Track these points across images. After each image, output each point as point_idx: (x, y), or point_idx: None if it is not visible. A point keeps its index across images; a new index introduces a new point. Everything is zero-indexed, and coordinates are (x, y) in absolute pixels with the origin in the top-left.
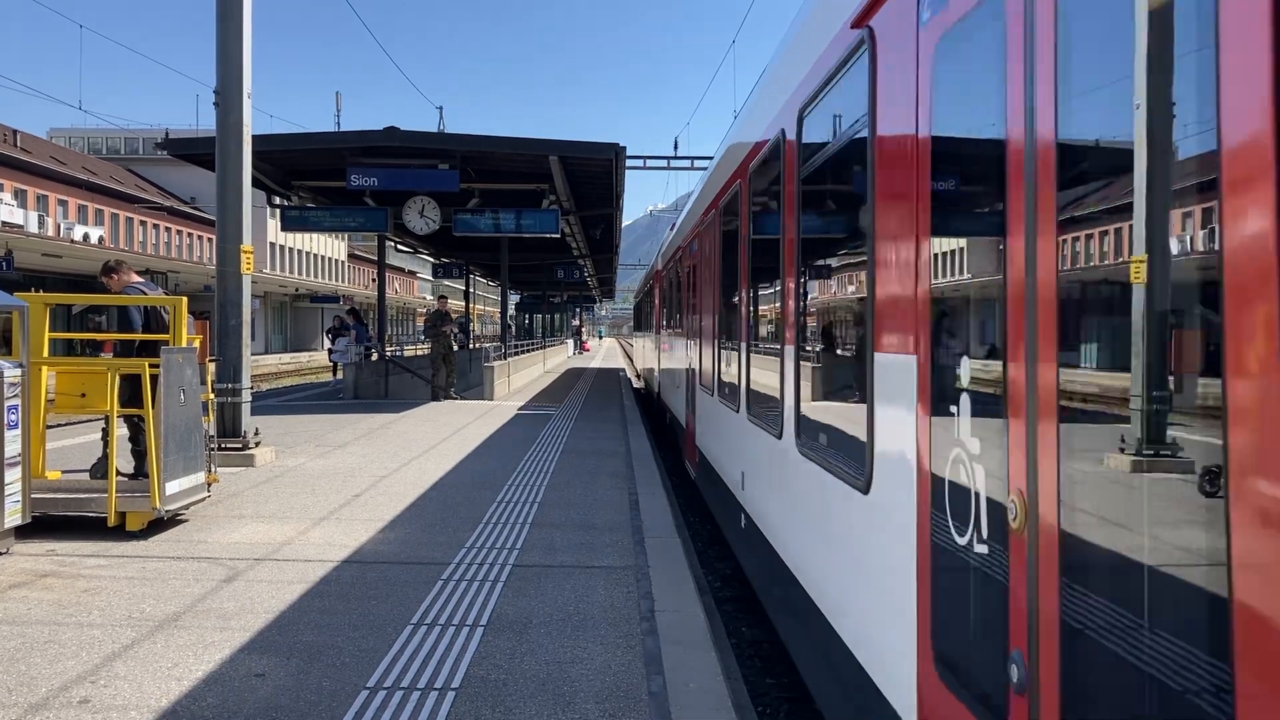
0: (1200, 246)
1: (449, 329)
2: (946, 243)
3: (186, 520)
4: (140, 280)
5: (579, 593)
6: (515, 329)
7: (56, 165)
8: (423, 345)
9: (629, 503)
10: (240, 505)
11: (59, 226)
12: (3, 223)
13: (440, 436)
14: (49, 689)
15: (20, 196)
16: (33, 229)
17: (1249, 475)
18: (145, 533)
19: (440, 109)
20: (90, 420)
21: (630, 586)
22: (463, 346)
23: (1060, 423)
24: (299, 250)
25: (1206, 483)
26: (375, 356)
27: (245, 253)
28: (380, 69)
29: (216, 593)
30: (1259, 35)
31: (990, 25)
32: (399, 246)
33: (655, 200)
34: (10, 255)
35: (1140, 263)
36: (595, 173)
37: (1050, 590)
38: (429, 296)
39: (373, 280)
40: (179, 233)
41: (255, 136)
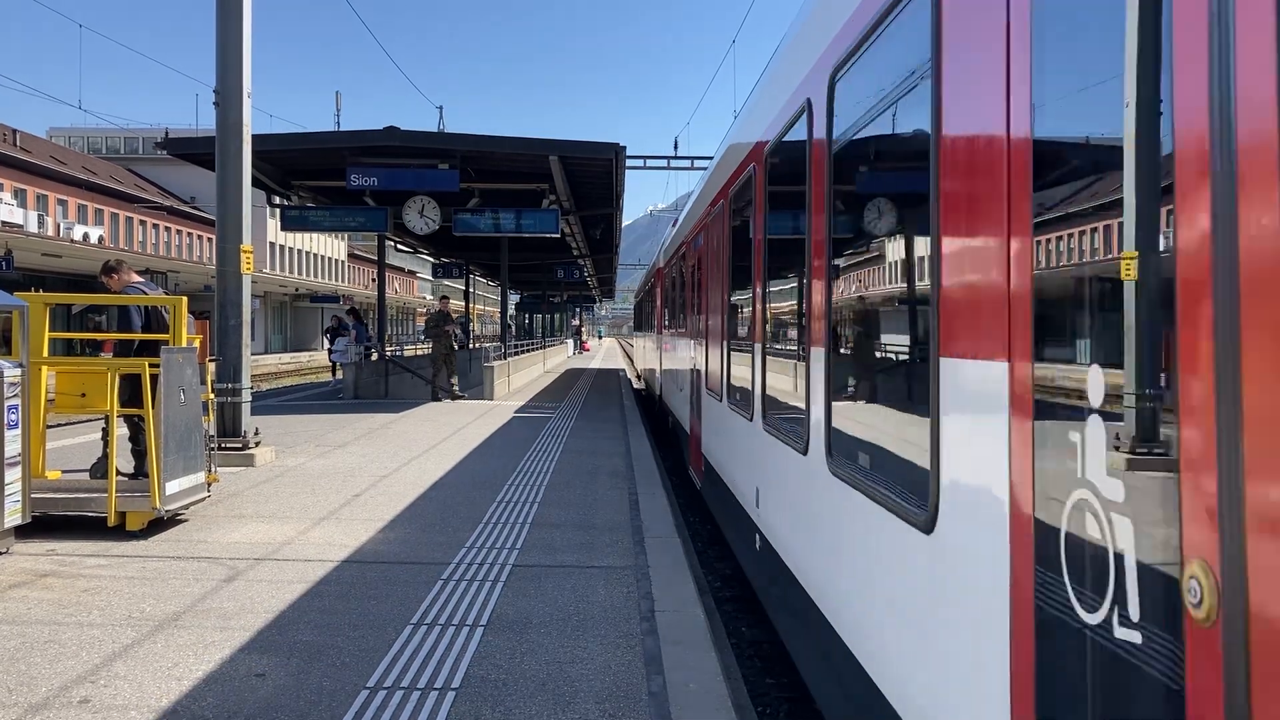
0: None
1: (451, 329)
2: (1053, 221)
3: (186, 520)
4: (140, 280)
5: (579, 593)
6: (515, 329)
7: (56, 165)
8: (423, 345)
9: (629, 503)
10: (240, 505)
11: (59, 226)
12: (2, 222)
13: (440, 436)
14: (49, 689)
15: (20, 196)
16: (32, 228)
17: None
18: (145, 532)
19: (440, 109)
20: (90, 420)
21: (630, 586)
22: (463, 346)
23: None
24: (299, 250)
25: None
26: (375, 356)
27: (245, 252)
28: (380, 68)
29: (216, 592)
30: None
31: None
32: (399, 246)
33: (655, 200)
34: (10, 255)
35: None
36: (595, 172)
37: (1267, 713)
38: (429, 296)
39: (373, 280)
40: (179, 232)
41: (255, 136)
